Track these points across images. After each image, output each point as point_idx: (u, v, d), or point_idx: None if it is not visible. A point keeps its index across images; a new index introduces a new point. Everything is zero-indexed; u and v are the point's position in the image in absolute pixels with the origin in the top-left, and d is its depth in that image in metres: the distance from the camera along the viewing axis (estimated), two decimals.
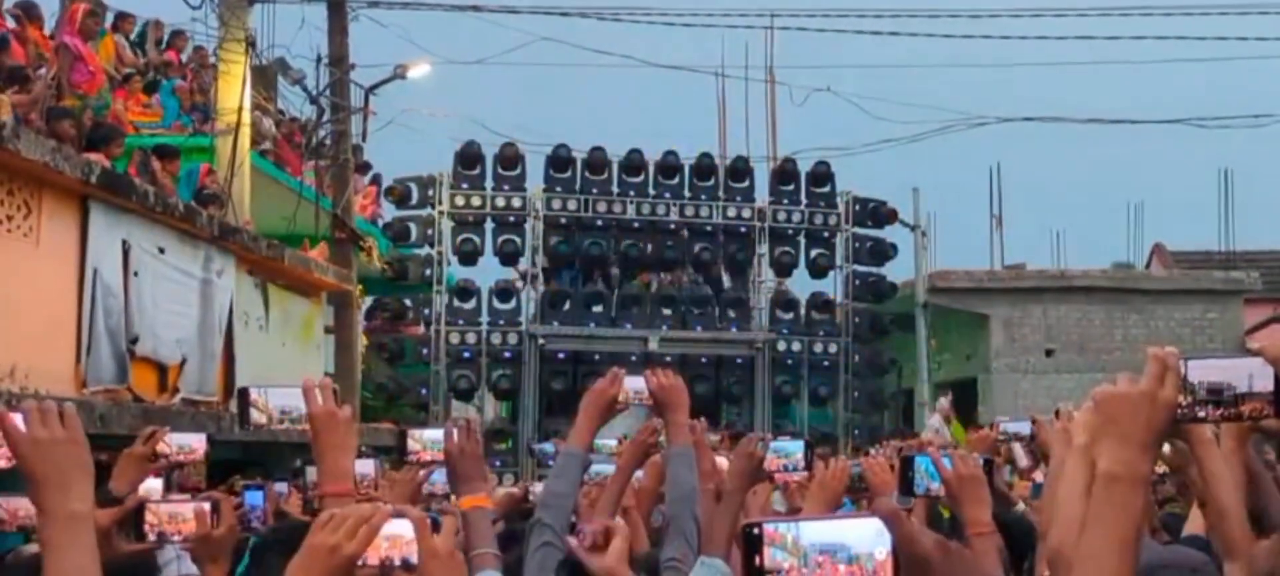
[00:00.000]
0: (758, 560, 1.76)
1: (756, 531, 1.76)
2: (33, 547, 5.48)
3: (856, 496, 4.94)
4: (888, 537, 1.77)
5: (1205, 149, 26.73)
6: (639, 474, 5.42)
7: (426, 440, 4.07)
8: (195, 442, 4.24)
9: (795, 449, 4.78)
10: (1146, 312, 25.65)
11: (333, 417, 2.99)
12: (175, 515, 3.24)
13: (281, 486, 5.05)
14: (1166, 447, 4.56)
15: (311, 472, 6.76)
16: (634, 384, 4.28)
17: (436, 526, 2.40)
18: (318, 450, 3.01)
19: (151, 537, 3.26)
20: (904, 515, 1.78)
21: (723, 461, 5.07)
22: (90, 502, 2.33)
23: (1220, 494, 3.34)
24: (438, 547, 2.37)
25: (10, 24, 12.34)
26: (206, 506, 3.30)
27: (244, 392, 3.43)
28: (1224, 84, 28.54)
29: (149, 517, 3.24)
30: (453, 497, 5.23)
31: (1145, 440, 1.87)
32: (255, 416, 3.38)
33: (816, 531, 1.76)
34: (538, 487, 8.98)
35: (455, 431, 3.77)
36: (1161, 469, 6.14)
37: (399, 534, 2.33)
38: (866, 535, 1.78)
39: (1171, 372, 1.95)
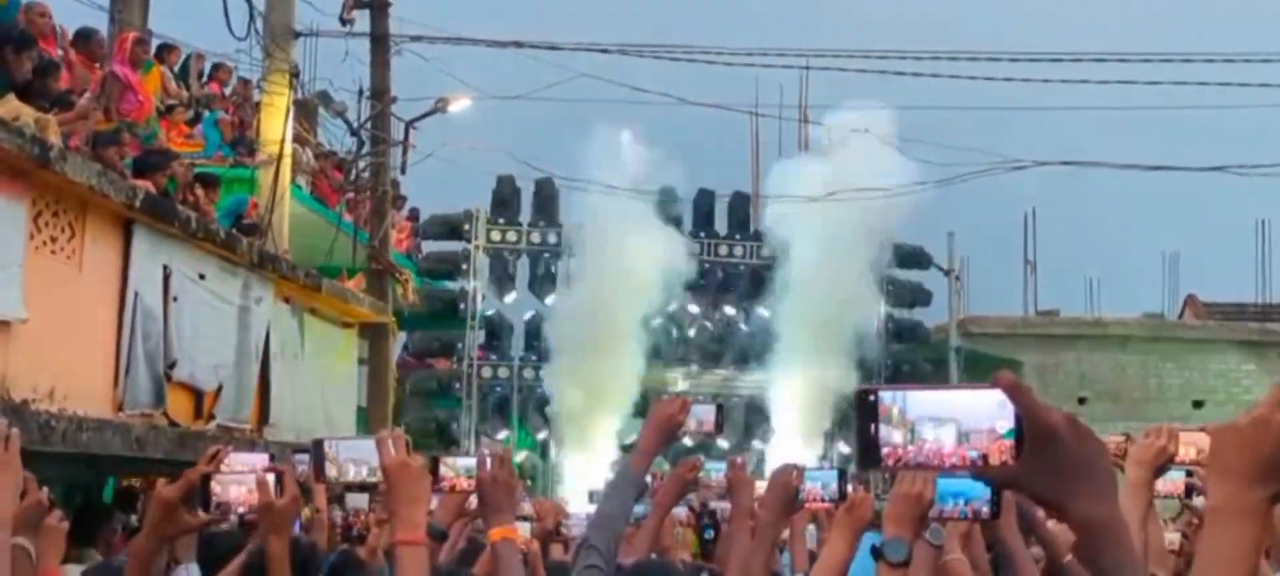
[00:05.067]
0: (872, 429, 1.61)
1: (872, 398, 1.61)
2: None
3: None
4: (1009, 411, 1.59)
5: (1241, 199, 26.56)
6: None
7: (459, 468, 4.06)
8: (258, 462, 4.27)
9: (830, 479, 4.76)
10: (1181, 362, 25.46)
11: (406, 468, 3.03)
12: (239, 486, 3.31)
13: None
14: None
15: (351, 499, 6.82)
16: (700, 413, 4.25)
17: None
18: (391, 501, 3.04)
19: (216, 510, 3.32)
20: (1028, 387, 1.60)
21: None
22: (11, 509, 2.85)
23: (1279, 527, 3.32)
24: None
25: (57, 52, 12.49)
26: (270, 477, 3.34)
27: (319, 444, 3.47)
28: (1262, 134, 28.40)
29: (215, 489, 3.30)
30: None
31: (1252, 470, 1.70)
32: (330, 471, 3.43)
33: (925, 403, 1.60)
34: (571, 519, 9.01)
35: (489, 460, 3.76)
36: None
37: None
38: (983, 408, 1.59)
39: None
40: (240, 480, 3.37)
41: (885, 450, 1.61)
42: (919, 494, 3.55)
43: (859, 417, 1.63)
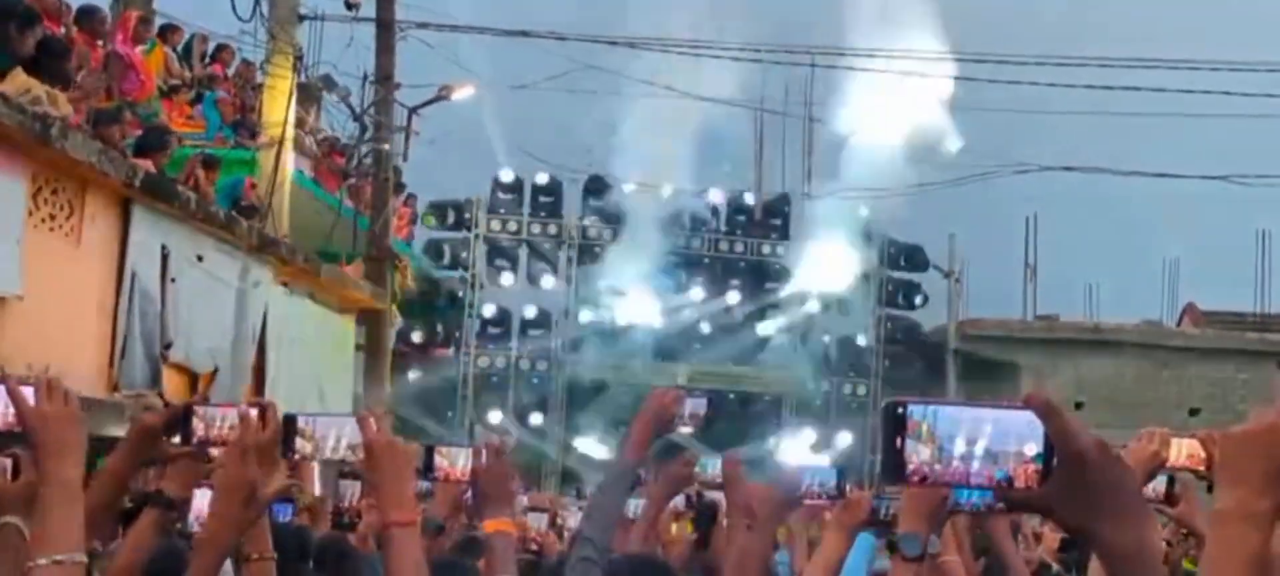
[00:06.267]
0: (899, 442, 1.58)
1: (900, 411, 1.58)
2: None
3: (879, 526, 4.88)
4: (1039, 432, 1.56)
5: (1242, 210, 26.52)
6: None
7: (454, 458, 3.99)
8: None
9: (829, 476, 4.72)
10: (1178, 370, 25.44)
11: (392, 446, 2.97)
12: (221, 421, 3.28)
13: None
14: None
15: (344, 487, 6.74)
16: (693, 405, 4.21)
17: None
18: (377, 479, 2.97)
19: (196, 444, 3.30)
20: (1060, 407, 1.58)
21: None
22: (81, 470, 2.65)
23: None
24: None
25: (60, 29, 12.44)
26: (253, 411, 3.30)
27: (290, 420, 3.32)
28: (1265, 144, 28.39)
29: (196, 424, 3.27)
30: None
31: (1262, 477, 1.67)
32: (300, 446, 3.28)
33: (955, 419, 1.57)
34: (567, 513, 9.01)
35: (485, 451, 3.72)
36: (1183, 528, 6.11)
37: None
38: (1014, 428, 1.57)
39: None
40: (223, 415, 3.32)
41: (911, 466, 1.58)
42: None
43: (886, 430, 1.60)
